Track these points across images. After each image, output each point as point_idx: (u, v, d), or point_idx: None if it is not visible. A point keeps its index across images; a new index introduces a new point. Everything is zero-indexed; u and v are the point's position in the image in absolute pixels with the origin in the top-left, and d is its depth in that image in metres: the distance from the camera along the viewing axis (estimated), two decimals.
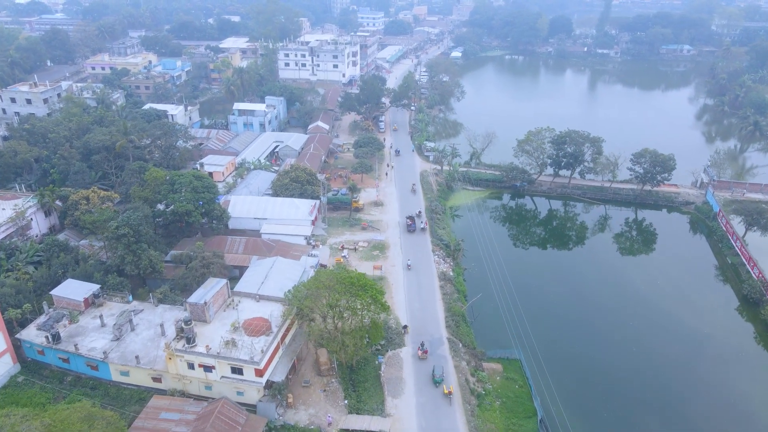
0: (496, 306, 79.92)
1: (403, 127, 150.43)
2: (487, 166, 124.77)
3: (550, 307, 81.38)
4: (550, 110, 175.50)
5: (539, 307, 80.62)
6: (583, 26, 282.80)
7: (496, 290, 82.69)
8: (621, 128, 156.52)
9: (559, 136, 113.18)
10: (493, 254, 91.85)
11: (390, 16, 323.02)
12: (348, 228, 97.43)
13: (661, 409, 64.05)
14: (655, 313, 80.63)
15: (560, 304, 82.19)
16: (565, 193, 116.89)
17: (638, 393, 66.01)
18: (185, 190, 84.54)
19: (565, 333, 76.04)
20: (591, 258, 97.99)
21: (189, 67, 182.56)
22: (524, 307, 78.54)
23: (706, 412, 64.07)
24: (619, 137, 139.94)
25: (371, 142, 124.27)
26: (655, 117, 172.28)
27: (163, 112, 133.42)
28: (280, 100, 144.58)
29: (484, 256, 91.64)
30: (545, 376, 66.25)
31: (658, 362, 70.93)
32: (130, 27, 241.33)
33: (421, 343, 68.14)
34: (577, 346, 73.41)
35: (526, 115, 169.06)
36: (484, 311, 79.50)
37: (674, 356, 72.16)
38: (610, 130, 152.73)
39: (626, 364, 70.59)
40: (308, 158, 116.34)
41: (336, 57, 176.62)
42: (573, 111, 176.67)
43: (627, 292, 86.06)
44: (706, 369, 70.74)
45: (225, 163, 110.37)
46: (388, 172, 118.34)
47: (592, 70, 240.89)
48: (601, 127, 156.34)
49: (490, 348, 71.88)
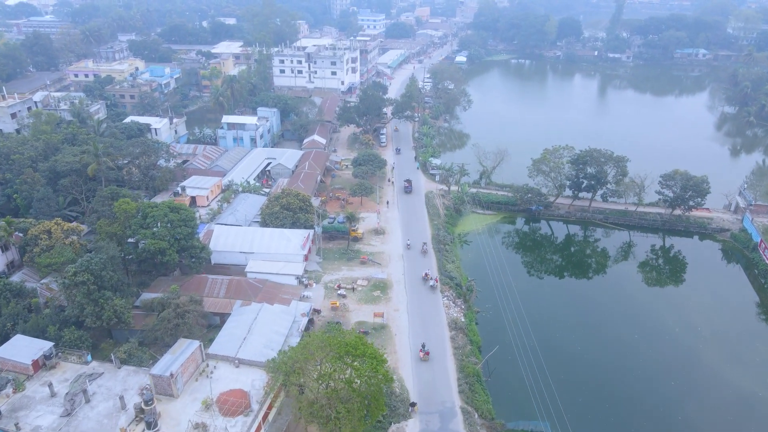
0: (514, 357, 69.45)
1: (407, 140, 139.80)
2: (498, 186, 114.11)
3: (575, 358, 70.87)
4: (561, 119, 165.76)
5: (563, 355, 70.35)
6: (591, 29, 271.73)
7: (513, 337, 72.20)
8: (638, 140, 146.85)
9: (580, 155, 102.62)
10: (508, 290, 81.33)
11: (391, 17, 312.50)
12: (345, 262, 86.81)
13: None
14: (696, 366, 70.21)
15: (587, 353, 71.69)
16: (584, 217, 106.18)
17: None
18: (159, 225, 73.96)
19: (596, 392, 65.47)
20: (615, 290, 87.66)
21: (178, 74, 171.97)
22: (546, 358, 68.16)
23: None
24: (637, 150, 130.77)
25: (371, 159, 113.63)
26: (674, 127, 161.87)
27: (146, 126, 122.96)
28: (274, 112, 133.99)
29: (498, 293, 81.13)
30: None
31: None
32: (120, 30, 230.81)
33: (422, 345, 67.59)
34: (613, 414, 62.74)
35: (536, 125, 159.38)
36: (501, 365, 68.90)
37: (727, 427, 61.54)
38: (627, 142, 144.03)
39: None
40: (302, 178, 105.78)
41: (334, 63, 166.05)
42: (585, 120, 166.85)
43: (659, 334, 75.93)
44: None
45: (210, 185, 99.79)
46: (389, 201, 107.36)
47: (602, 75, 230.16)
48: (617, 138, 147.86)
49: (511, 417, 61.26)
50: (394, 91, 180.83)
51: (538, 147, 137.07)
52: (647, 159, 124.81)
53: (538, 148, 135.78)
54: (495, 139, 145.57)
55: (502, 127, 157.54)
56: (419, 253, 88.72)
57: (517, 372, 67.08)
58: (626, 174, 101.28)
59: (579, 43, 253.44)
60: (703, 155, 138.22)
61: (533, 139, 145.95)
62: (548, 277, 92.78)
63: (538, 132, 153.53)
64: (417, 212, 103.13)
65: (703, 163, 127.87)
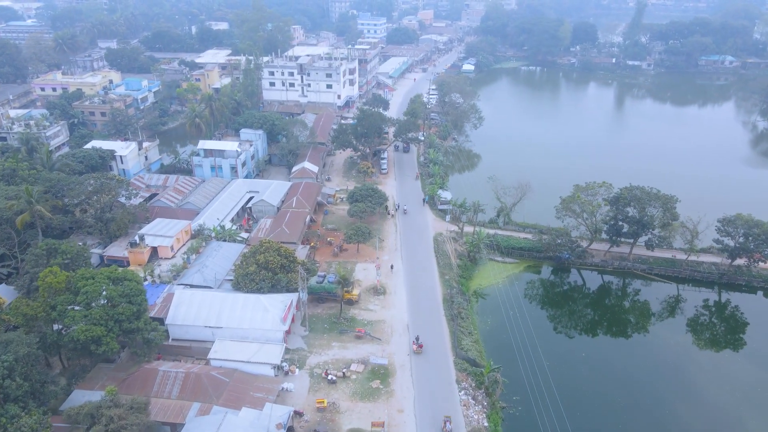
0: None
1: (411, 165, 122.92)
2: (518, 227, 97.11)
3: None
4: (580, 136, 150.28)
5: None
6: (607, 33, 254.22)
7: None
8: (668, 161, 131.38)
9: (619, 195, 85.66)
10: (538, 368, 65.17)
11: (393, 21, 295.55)
12: (337, 336, 69.95)
13: None
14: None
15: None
16: (624, 267, 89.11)
17: None
18: (94, 305, 57.22)
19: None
20: (661, 356, 72.64)
21: (158, 87, 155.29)
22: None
23: None
24: (669, 176, 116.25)
25: (370, 194, 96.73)
26: (706, 145, 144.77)
27: (110, 153, 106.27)
28: (259, 134, 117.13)
29: (526, 372, 64.94)
30: None
31: None
32: (101, 36, 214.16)
33: (416, 337, 68.06)
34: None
35: (554, 143, 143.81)
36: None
37: None
38: (656, 165, 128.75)
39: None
40: (288, 220, 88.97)
41: (330, 76, 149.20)
42: (607, 137, 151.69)
43: (717, 413, 61.09)
44: None
45: (175, 232, 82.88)
46: (392, 238, 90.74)
47: (621, 85, 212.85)
48: (644, 160, 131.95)
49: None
50: (396, 105, 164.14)
51: (558, 173, 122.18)
52: (685, 189, 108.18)
53: (558, 175, 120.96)
54: (509, 161, 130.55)
55: (517, 146, 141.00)
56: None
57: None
58: (676, 218, 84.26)
59: (595, 49, 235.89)
60: (745, 180, 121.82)
61: (552, 162, 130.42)
62: (581, 338, 76.62)
63: (556, 152, 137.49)
64: (424, 261, 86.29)
65: (747, 192, 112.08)
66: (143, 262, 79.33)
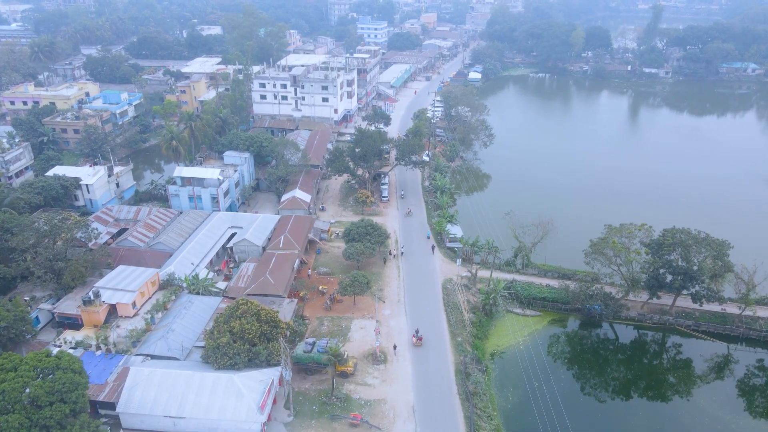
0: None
1: (415, 190, 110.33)
2: (540, 270, 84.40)
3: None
4: (597, 154, 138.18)
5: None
6: (619, 38, 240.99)
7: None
8: (699, 184, 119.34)
9: (662, 240, 73.05)
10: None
11: (394, 24, 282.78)
12: (327, 423, 57.31)
13: None
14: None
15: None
16: (665, 322, 76.37)
17: None
18: (14, 407, 44.68)
19: None
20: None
21: (139, 99, 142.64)
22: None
23: None
24: (707, 207, 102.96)
25: (369, 232, 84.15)
26: (736, 164, 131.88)
27: (74, 182, 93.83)
28: (245, 158, 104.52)
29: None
30: None
31: None
32: (85, 42, 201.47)
33: (416, 330, 68.56)
34: None
35: (570, 161, 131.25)
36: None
37: None
38: (687, 186, 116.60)
39: None
40: (274, 266, 76.45)
41: (326, 88, 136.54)
42: (626, 154, 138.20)
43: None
44: None
45: (139, 285, 70.27)
46: (394, 281, 78.21)
47: (637, 93, 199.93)
48: (671, 178, 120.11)
49: None
50: (398, 118, 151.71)
51: (579, 199, 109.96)
52: (730, 223, 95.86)
53: (580, 201, 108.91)
54: (522, 182, 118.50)
55: (530, 164, 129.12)
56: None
57: None
58: (730, 268, 71.58)
59: (608, 55, 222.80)
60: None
61: (571, 183, 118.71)
62: (614, 404, 63.83)
63: (574, 171, 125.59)
64: (432, 317, 73.69)
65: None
66: (99, 322, 66.83)
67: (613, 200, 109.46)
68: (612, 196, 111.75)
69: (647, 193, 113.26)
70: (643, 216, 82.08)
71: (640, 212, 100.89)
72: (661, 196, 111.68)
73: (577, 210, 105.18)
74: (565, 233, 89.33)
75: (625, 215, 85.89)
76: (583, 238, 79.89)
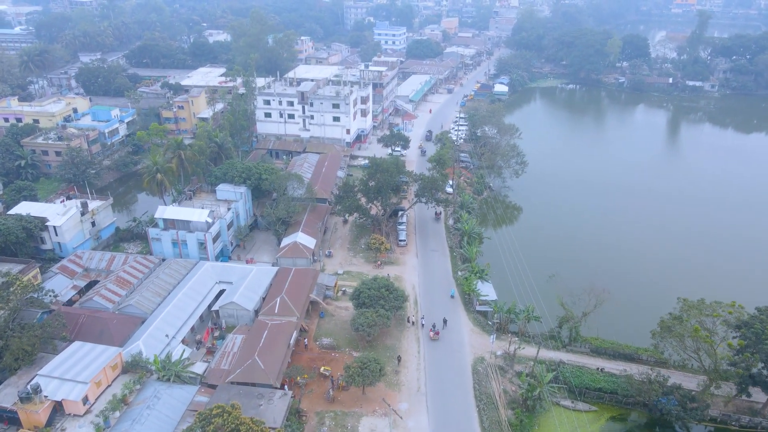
0: None
1: (437, 233, 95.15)
2: (593, 346, 68.63)
3: None
4: (648, 182, 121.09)
5: None
6: (658, 47, 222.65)
7: None
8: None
9: (758, 329, 56.96)
10: None
11: (413, 30, 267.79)
12: None
13: None
14: None
15: None
16: (756, 425, 60.26)
17: None
18: None
19: None
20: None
21: (132, 116, 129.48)
22: None
23: None
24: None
25: (384, 295, 69.27)
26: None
27: (39, 223, 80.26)
28: (242, 193, 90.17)
29: None
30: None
31: None
32: (85, 49, 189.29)
33: (433, 324, 68.16)
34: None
35: (616, 191, 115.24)
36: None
37: None
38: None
39: None
40: (266, 342, 62.14)
41: (337, 106, 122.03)
42: (686, 184, 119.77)
43: None
44: None
45: (94, 373, 55.96)
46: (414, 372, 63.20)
47: (678, 109, 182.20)
48: (752, 228, 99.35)
49: None
50: (417, 137, 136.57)
51: (631, 240, 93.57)
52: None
53: (632, 243, 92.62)
54: (558, 216, 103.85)
55: (567, 194, 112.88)
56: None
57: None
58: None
59: (646, 66, 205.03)
60: None
61: (619, 219, 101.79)
62: None
63: (620, 202, 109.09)
64: (460, 415, 58.53)
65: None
66: (40, 424, 52.81)
67: (676, 250, 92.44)
68: (674, 244, 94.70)
69: (724, 243, 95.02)
70: (718, 273, 66.28)
71: (714, 268, 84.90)
72: (744, 249, 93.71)
73: (629, 252, 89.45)
74: (620, 292, 73.73)
75: (696, 274, 70.17)
76: (644, 302, 64.89)
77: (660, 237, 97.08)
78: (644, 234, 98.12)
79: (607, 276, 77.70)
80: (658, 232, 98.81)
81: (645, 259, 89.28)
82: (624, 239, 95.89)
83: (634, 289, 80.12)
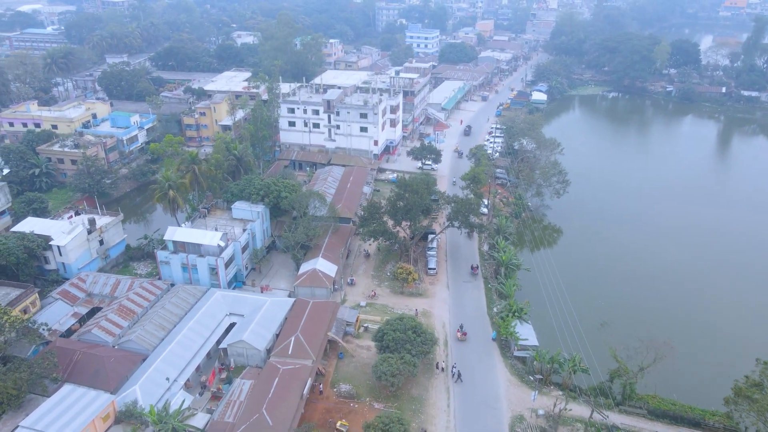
0: None
1: (472, 259, 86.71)
2: (649, 405, 59.38)
3: None
4: (706, 206, 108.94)
5: None
6: (709, 53, 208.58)
7: None
8: None
9: None
10: None
11: (447, 32, 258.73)
12: None
13: None
14: None
15: None
16: None
17: None
18: None
19: None
20: None
21: (152, 122, 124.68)
22: None
23: None
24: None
25: (410, 338, 61.52)
26: None
27: (42, 242, 75.04)
28: (259, 212, 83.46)
29: None
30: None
31: None
32: (112, 51, 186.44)
33: (460, 326, 67.61)
34: None
35: (670, 214, 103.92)
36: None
37: None
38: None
39: None
40: (277, 390, 55.22)
41: (365, 116, 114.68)
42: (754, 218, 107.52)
43: None
44: None
45: (80, 427, 49.64)
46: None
47: (731, 120, 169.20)
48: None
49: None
50: (449, 149, 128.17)
51: (696, 276, 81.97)
52: None
53: (696, 280, 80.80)
54: (602, 242, 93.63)
55: (609, 213, 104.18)
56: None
57: None
58: None
59: (696, 73, 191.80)
60: None
61: (677, 251, 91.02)
62: None
63: (677, 229, 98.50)
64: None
65: None
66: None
67: (752, 295, 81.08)
68: (748, 286, 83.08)
69: None
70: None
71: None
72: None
73: (694, 303, 78.81)
74: (680, 340, 64.24)
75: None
76: (711, 355, 55.49)
77: (731, 277, 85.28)
78: (711, 272, 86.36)
79: (664, 319, 68.29)
80: (727, 271, 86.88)
81: (714, 304, 78.21)
82: (685, 277, 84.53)
83: (698, 337, 70.45)
